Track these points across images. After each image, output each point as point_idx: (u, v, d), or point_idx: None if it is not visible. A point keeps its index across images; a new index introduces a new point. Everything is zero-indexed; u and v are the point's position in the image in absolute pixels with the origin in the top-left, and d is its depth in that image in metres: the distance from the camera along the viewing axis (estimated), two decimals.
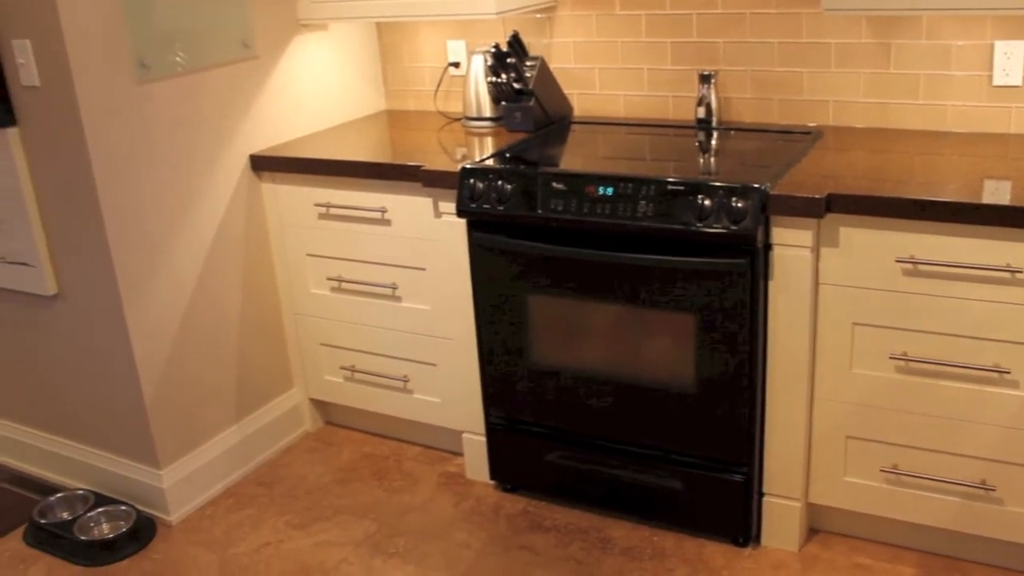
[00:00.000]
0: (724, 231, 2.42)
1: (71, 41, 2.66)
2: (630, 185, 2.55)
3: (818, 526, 2.79)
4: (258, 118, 3.25)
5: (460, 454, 3.29)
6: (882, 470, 2.56)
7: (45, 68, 2.72)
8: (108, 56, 2.76)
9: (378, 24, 3.68)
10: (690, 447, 2.71)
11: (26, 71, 2.75)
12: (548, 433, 2.93)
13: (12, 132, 2.86)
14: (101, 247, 2.85)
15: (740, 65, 3.08)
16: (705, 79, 3.08)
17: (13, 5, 2.71)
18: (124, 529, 3.00)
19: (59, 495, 3.20)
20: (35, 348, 3.22)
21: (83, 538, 2.98)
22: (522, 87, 3.16)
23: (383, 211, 3.04)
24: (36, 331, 3.18)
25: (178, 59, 2.95)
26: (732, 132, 3.05)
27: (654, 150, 2.96)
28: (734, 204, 2.41)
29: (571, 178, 2.63)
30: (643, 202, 2.52)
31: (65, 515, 3.12)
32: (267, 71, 3.26)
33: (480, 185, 2.75)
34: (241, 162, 3.21)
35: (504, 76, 3.14)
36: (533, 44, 3.36)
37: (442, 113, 3.61)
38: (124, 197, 2.85)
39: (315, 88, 3.46)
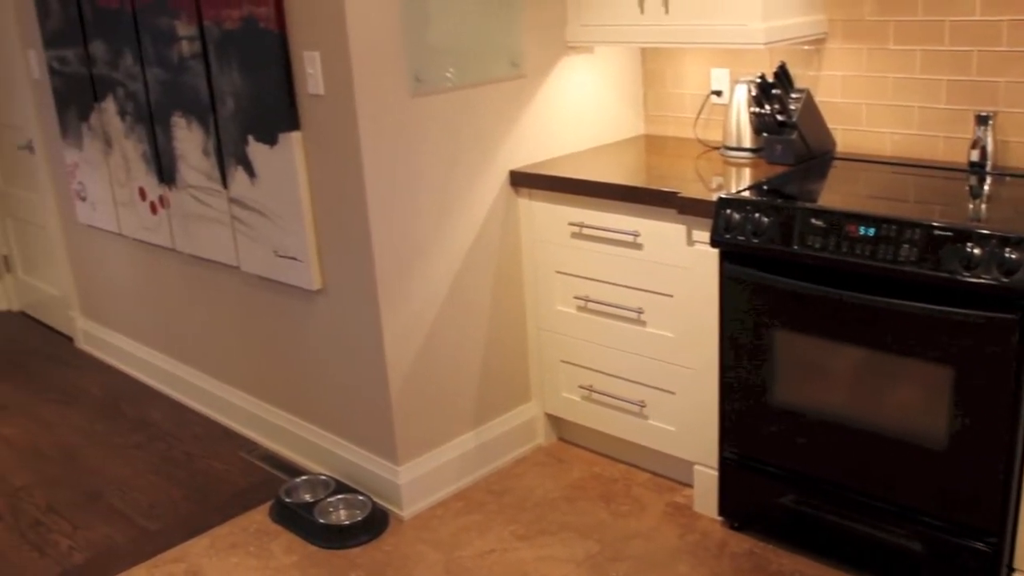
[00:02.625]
0: (994, 283, 2.29)
1: (356, 54, 2.82)
2: (894, 227, 2.45)
3: None
4: (520, 135, 3.34)
5: (690, 485, 3.25)
6: None
7: (330, 78, 2.90)
8: (387, 69, 2.91)
9: (643, 49, 3.71)
10: (934, 508, 2.56)
11: (313, 80, 2.94)
12: (783, 474, 2.86)
13: (295, 136, 3.07)
14: (365, 248, 3.00)
15: (1023, 107, 2.90)
16: (982, 120, 2.92)
17: (307, 20, 2.90)
18: (359, 518, 3.14)
19: (304, 478, 3.38)
20: (297, 338, 3.43)
21: (322, 521, 3.13)
22: (785, 119, 3.10)
23: (636, 235, 3.05)
24: (299, 323, 3.38)
25: (448, 75, 3.07)
26: (1008, 178, 2.87)
27: (920, 192, 2.84)
28: (1007, 255, 2.27)
29: (831, 215, 2.56)
30: (906, 246, 2.42)
31: (307, 497, 3.30)
32: (532, 90, 3.34)
33: (736, 216, 2.72)
34: (501, 177, 3.30)
35: (768, 107, 3.09)
36: (799, 76, 3.29)
37: (701, 141, 3.59)
38: (390, 202, 3.00)
39: (577, 109, 3.52)
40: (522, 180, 3.31)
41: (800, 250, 2.60)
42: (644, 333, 3.14)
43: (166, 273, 4.08)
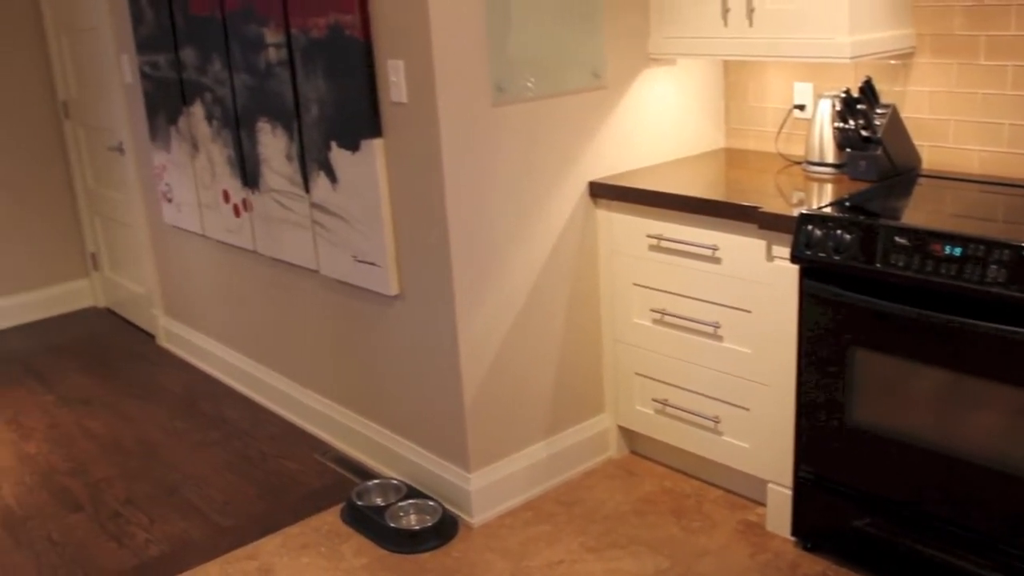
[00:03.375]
0: None
1: (439, 63, 2.85)
2: (981, 247, 2.39)
3: None
4: (600, 146, 3.33)
5: (763, 504, 3.21)
6: None
7: (413, 87, 2.93)
8: (469, 79, 2.93)
9: (725, 62, 3.68)
10: (1019, 538, 2.50)
11: (396, 89, 2.97)
12: (859, 496, 2.80)
13: (377, 143, 3.10)
14: (443, 255, 3.02)
15: None
16: None
17: (392, 29, 2.94)
18: (429, 523, 3.15)
19: (376, 481, 3.41)
20: (374, 343, 3.46)
21: (392, 525, 3.15)
22: (870, 135, 3.05)
23: (714, 249, 3.03)
24: (376, 327, 3.42)
25: (529, 84, 3.08)
26: None
27: (1009, 212, 2.77)
28: None
29: (916, 234, 2.51)
30: (994, 266, 2.36)
31: (379, 501, 3.32)
32: (613, 101, 3.34)
33: (818, 232, 2.68)
34: (580, 187, 3.30)
35: (852, 122, 3.04)
36: (885, 91, 3.24)
37: (782, 155, 3.55)
38: (469, 210, 3.01)
39: (658, 121, 3.50)
40: (601, 191, 3.31)
41: (883, 268, 2.55)
42: (721, 348, 3.11)
43: (247, 275, 4.15)
